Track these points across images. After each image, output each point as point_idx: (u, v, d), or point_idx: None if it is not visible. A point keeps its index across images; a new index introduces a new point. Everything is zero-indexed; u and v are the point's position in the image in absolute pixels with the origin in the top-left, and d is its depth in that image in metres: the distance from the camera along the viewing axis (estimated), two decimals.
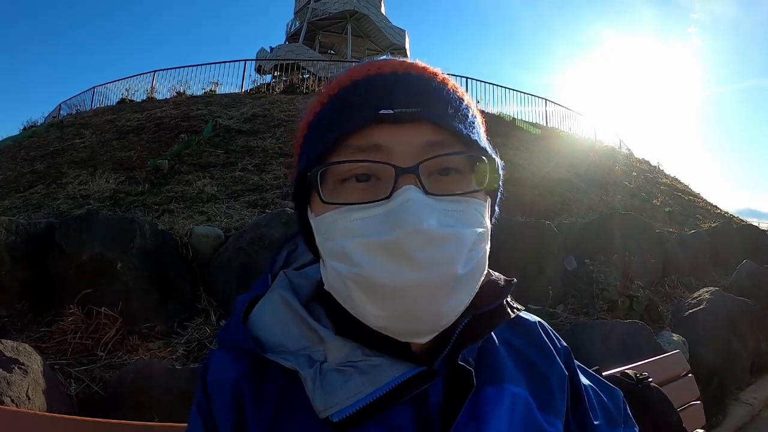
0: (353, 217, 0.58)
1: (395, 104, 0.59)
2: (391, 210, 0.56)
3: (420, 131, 0.59)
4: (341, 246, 0.58)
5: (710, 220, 9.63)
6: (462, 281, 0.58)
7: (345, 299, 0.60)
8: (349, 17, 25.88)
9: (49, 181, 6.64)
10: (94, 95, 15.27)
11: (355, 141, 0.59)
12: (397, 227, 0.54)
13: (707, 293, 4.59)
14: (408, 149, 0.59)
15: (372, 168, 0.59)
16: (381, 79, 0.63)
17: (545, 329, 0.83)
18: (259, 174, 6.62)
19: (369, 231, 0.56)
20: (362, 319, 0.59)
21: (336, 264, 0.59)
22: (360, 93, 0.62)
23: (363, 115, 0.59)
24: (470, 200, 0.61)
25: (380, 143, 0.58)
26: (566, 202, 7.78)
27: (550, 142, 11.67)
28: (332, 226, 0.59)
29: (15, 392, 1.91)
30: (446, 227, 0.56)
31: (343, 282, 0.58)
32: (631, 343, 3.45)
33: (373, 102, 0.60)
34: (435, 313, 0.57)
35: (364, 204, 0.58)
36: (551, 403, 0.73)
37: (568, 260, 5.48)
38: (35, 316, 3.22)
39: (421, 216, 0.54)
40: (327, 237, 0.60)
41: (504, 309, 0.71)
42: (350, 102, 0.62)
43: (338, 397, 0.58)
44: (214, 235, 4.19)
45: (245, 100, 10.89)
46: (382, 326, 0.58)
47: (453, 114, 0.62)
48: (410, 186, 0.56)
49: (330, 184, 0.61)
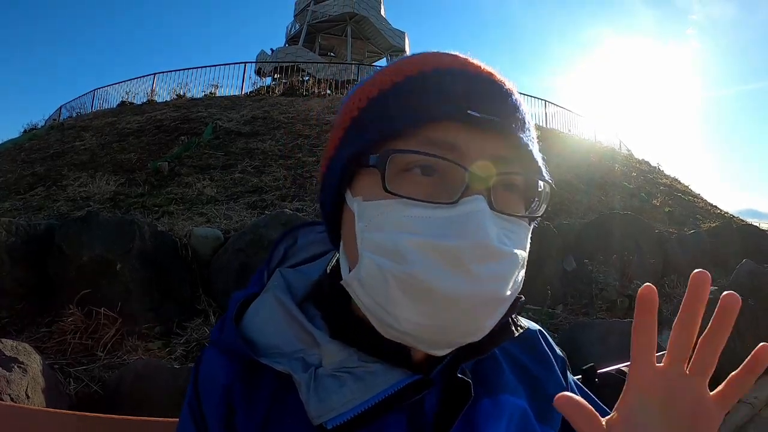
0: (413, 213, 0.54)
1: (483, 106, 0.56)
2: (456, 216, 0.53)
3: (496, 142, 0.57)
4: (393, 241, 0.53)
5: (710, 220, 9.62)
6: (506, 302, 0.56)
7: (377, 297, 0.55)
8: (348, 19, 25.91)
9: (49, 183, 6.66)
10: (95, 98, 15.33)
11: (431, 133, 0.55)
12: (462, 236, 0.52)
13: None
14: (480, 156, 0.56)
15: (442, 165, 0.55)
16: (469, 77, 0.59)
17: (545, 338, 0.81)
18: (259, 176, 6.63)
19: (430, 232, 0.53)
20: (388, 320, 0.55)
21: (379, 259, 0.54)
22: (448, 83, 0.58)
23: (449, 109, 0.55)
24: (522, 223, 0.59)
25: (457, 143, 0.55)
26: (565, 202, 7.79)
27: (549, 143, 11.66)
28: (385, 216, 0.55)
29: (14, 390, 1.92)
30: (505, 245, 0.55)
31: (383, 279, 0.54)
32: (629, 343, 3.43)
33: (461, 98, 0.56)
34: (472, 329, 0.56)
35: (429, 203, 0.54)
36: (549, 413, 0.71)
37: (568, 261, 5.49)
38: (35, 317, 3.23)
39: (488, 230, 0.52)
40: (375, 226, 0.56)
41: (509, 326, 0.69)
42: (436, 89, 0.58)
43: (333, 404, 0.56)
44: (214, 236, 4.20)
45: (245, 103, 10.90)
46: (411, 332, 0.55)
47: (528, 134, 0.60)
48: (480, 196, 0.54)
49: (392, 170, 0.56)
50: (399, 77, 0.60)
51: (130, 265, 3.46)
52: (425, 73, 0.60)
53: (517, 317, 0.72)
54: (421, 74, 0.60)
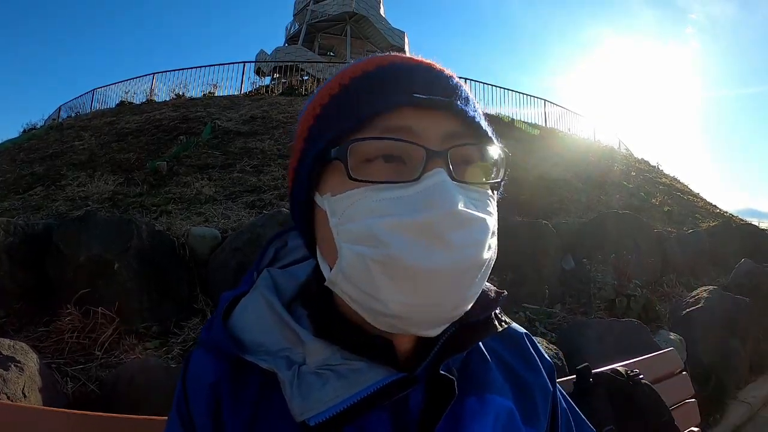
0: (381, 196, 0.56)
1: (427, 91, 0.60)
2: (422, 191, 0.55)
3: (447, 120, 0.60)
4: (367, 226, 0.55)
5: (710, 219, 9.61)
6: (484, 266, 0.58)
7: (363, 285, 0.57)
8: (348, 19, 25.91)
9: (48, 182, 6.66)
10: (94, 98, 15.33)
11: (386, 121, 0.58)
12: (430, 208, 0.54)
13: (705, 292, 4.58)
14: (435, 135, 0.59)
15: (401, 149, 0.58)
16: (413, 67, 0.64)
17: (532, 342, 0.82)
18: (258, 175, 6.63)
19: (400, 211, 0.55)
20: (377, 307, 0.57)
21: (358, 247, 0.56)
22: (393, 75, 0.62)
23: (398, 97, 0.59)
24: (485, 191, 0.62)
25: (411, 126, 0.58)
26: (564, 201, 7.79)
27: (548, 142, 11.67)
28: (356, 205, 0.57)
29: (11, 389, 1.93)
30: (474, 211, 0.57)
31: (365, 266, 0.55)
32: (627, 342, 3.45)
33: (407, 85, 0.60)
34: (457, 299, 0.57)
35: (394, 183, 0.57)
36: (534, 415, 0.72)
37: (566, 260, 5.49)
38: (33, 317, 3.23)
39: (454, 197, 0.55)
40: (347, 218, 0.58)
41: (492, 321, 0.70)
42: (381, 83, 0.61)
43: (315, 401, 0.57)
44: (211, 235, 4.20)
45: (244, 102, 10.90)
46: (401, 314, 0.56)
47: (473, 111, 0.63)
48: (440, 169, 0.56)
49: (354, 162, 0.58)
50: (357, 72, 0.64)
51: (127, 265, 3.46)
52: (381, 67, 0.64)
53: (501, 313, 0.73)
54: (378, 69, 0.63)
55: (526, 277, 4.71)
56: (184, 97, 12.75)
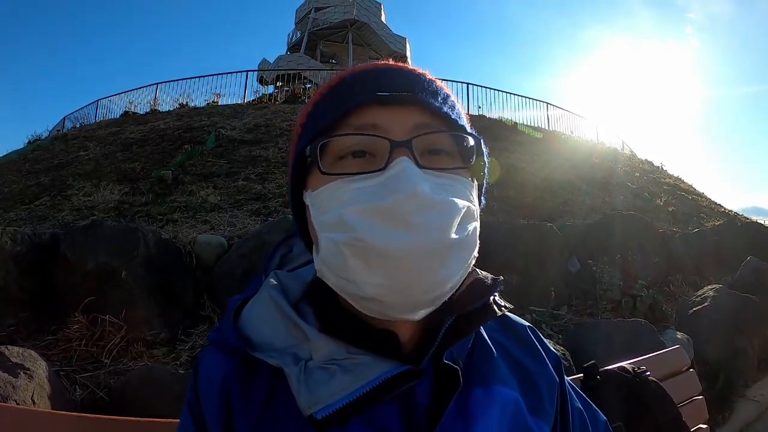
0: (351, 187, 0.60)
1: (391, 89, 0.65)
2: (387, 179, 0.59)
3: (412, 113, 0.64)
4: (338, 214, 0.59)
5: (714, 218, 9.57)
6: (454, 248, 0.59)
7: (339, 270, 0.60)
8: (349, 26, 26.01)
9: (54, 193, 6.69)
10: (98, 108, 15.43)
11: (353, 120, 0.63)
12: (393, 192, 0.57)
13: (711, 291, 4.56)
14: (402, 128, 0.63)
15: (368, 144, 0.63)
16: (377, 70, 0.69)
17: (536, 334, 0.83)
18: (262, 183, 6.66)
19: (366, 198, 0.58)
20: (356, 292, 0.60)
21: (331, 234, 0.60)
22: (358, 80, 0.68)
23: (361, 97, 0.64)
24: (458, 177, 0.65)
25: (376, 122, 0.63)
26: (568, 203, 7.78)
27: (551, 145, 11.67)
28: (330, 197, 0.62)
29: (20, 396, 1.94)
30: (438, 194, 0.59)
31: (338, 251, 0.59)
32: (634, 342, 3.44)
33: (370, 86, 0.65)
34: (428, 281, 0.58)
35: (361, 174, 0.61)
36: (541, 406, 0.73)
37: (571, 262, 5.48)
38: (41, 325, 3.24)
39: (415, 182, 0.58)
40: (323, 210, 0.62)
41: (491, 307, 0.71)
42: (349, 88, 0.67)
43: (322, 395, 0.59)
44: (218, 243, 4.22)
45: (247, 111, 10.95)
46: (376, 297, 0.58)
47: (441, 102, 0.67)
48: (404, 158, 0.60)
49: (328, 160, 0.64)
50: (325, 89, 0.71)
51: (134, 273, 3.47)
52: (344, 78, 0.70)
53: (499, 298, 0.74)
54: (341, 81, 0.70)
55: (532, 279, 4.70)
56: (188, 106, 12.82)
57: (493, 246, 4.52)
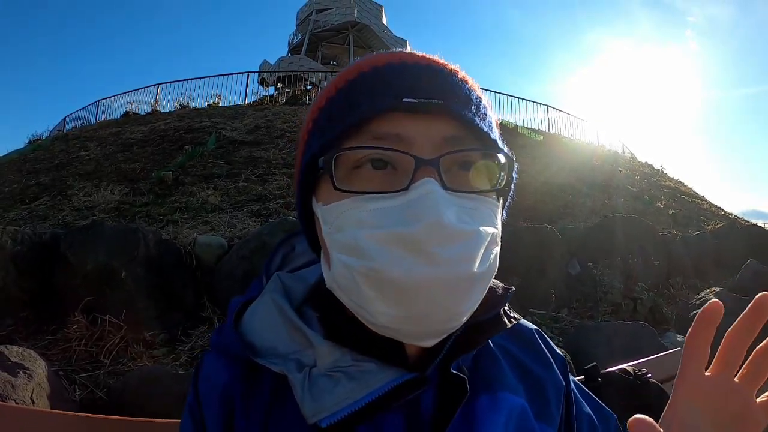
0: (368, 207, 0.55)
1: (419, 94, 0.57)
2: (409, 202, 0.53)
3: (441, 124, 0.57)
4: (353, 238, 0.54)
5: (715, 221, 9.56)
6: (477, 280, 0.56)
7: (352, 295, 0.57)
8: (350, 28, 26.01)
9: (54, 193, 6.70)
10: (99, 109, 15.40)
11: (374, 127, 0.57)
12: (416, 220, 0.52)
13: (712, 294, 4.56)
14: (428, 141, 0.56)
15: (390, 156, 0.56)
16: (404, 68, 0.61)
17: (543, 338, 0.81)
18: (263, 184, 6.65)
19: (385, 222, 0.53)
20: (368, 318, 0.57)
21: (345, 257, 0.55)
22: (382, 79, 0.59)
23: (385, 102, 0.56)
24: (485, 199, 0.59)
25: (400, 132, 0.56)
26: (569, 206, 7.78)
27: (552, 147, 11.67)
28: (344, 216, 0.56)
29: (19, 395, 1.94)
30: (465, 224, 0.54)
31: (351, 277, 0.55)
32: (635, 345, 3.44)
33: (396, 89, 0.57)
34: (449, 313, 0.55)
35: (381, 194, 0.55)
36: (547, 411, 0.71)
37: (572, 264, 5.48)
38: (40, 325, 3.24)
39: (441, 210, 0.52)
40: (336, 228, 0.57)
41: (501, 318, 0.69)
42: (371, 87, 0.59)
43: (326, 403, 0.57)
44: (218, 244, 4.21)
45: (248, 112, 10.94)
46: (389, 326, 0.55)
47: (474, 111, 0.60)
48: (430, 179, 0.54)
49: (342, 170, 0.57)
50: (341, 83, 0.63)
51: (134, 273, 3.48)
52: (364, 72, 0.61)
53: (509, 309, 0.72)
54: (361, 75, 0.62)
55: (533, 282, 4.70)
56: (189, 107, 12.81)
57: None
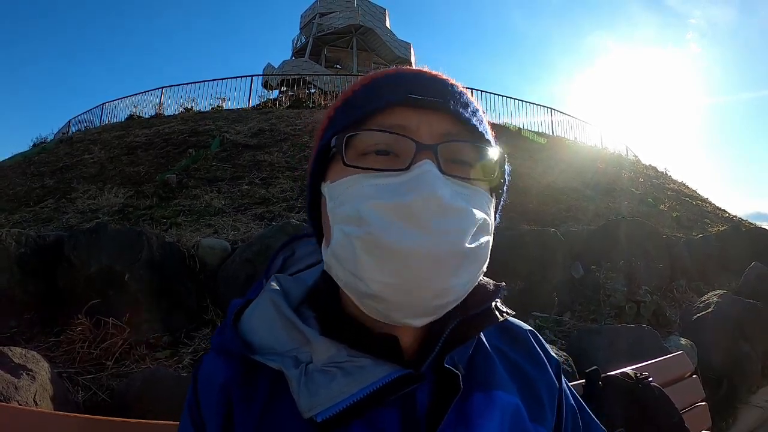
0: (371, 182, 0.60)
1: (423, 92, 0.64)
2: (409, 178, 0.59)
3: (441, 120, 0.64)
4: (356, 208, 0.59)
5: (719, 224, 9.54)
6: (468, 257, 0.59)
7: (348, 264, 0.60)
8: (354, 32, 26.08)
9: (58, 195, 6.73)
10: (103, 112, 15.45)
11: (381, 119, 0.63)
12: (412, 192, 0.57)
13: (715, 297, 4.54)
14: (429, 133, 0.63)
15: (393, 144, 0.62)
16: (411, 74, 0.69)
17: (537, 339, 0.83)
18: (266, 187, 6.67)
19: (385, 195, 0.58)
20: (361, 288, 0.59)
21: (345, 227, 0.60)
22: (391, 81, 0.68)
23: (392, 96, 0.64)
24: (478, 189, 0.65)
25: (404, 123, 0.63)
26: (572, 209, 7.77)
27: (555, 150, 11.66)
28: (349, 189, 0.61)
29: (22, 397, 1.94)
30: (457, 201, 0.59)
31: (350, 243, 0.58)
32: (637, 348, 3.43)
33: (402, 87, 0.65)
34: (438, 287, 0.58)
35: (384, 171, 0.61)
36: (541, 413, 0.73)
37: (575, 267, 5.47)
38: (44, 327, 3.25)
39: (436, 186, 0.57)
40: (341, 202, 0.62)
41: (492, 312, 0.72)
42: (380, 87, 0.67)
43: (322, 398, 0.59)
44: (221, 247, 4.22)
45: (252, 115, 10.97)
46: (380, 294, 0.58)
47: (471, 114, 0.67)
48: (428, 160, 0.60)
49: (351, 155, 0.63)
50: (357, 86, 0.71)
51: (138, 276, 3.48)
52: (378, 78, 0.70)
53: (502, 304, 0.75)
54: (374, 80, 0.70)
55: (536, 285, 4.69)
56: (193, 110, 12.87)
57: (497, 251, 4.50)
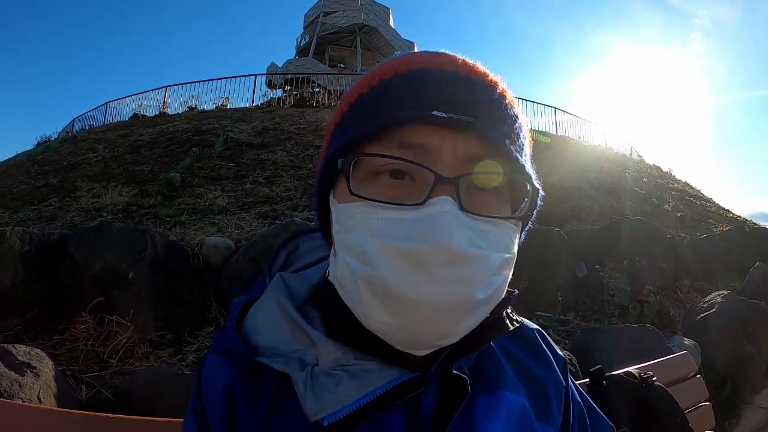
0: (380, 215, 0.55)
1: (450, 107, 0.55)
2: (422, 218, 0.53)
3: (468, 141, 0.56)
4: (360, 242, 0.55)
5: (723, 224, 9.51)
6: (479, 306, 0.56)
7: (351, 296, 0.58)
8: (358, 31, 26.05)
9: (62, 194, 6.74)
10: (107, 111, 15.50)
11: (399, 135, 0.56)
12: (425, 238, 0.52)
13: (719, 297, 4.52)
14: (452, 157, 0.56)
15: (411, 168, 0.56)
16: (439, 76, 0.59)
17: (544, 338, 0.82)
18: (270, 186, 6.67)
19: (394, 234, 0.53)
20: (364, 319, 0.58)
21: (350, 260, 0.56)
22: (414, 85, 0.58)
23: (413, 112, 0.55)
24: (503, 224, 0.59)
25: (426, 144, 0.55)
26: (576, 209, 7.75)
27: (560, 150, 11.63)
28: (355, 218, 0.57)
29: (26, 394, 1.95)
30: (475, 248, 0.54)
31: (354, 280, 0.56)
32: (641, 348, 3.42)
33: (427, 99, 0.56)
34: (444, 331, 0.56)
35: (394, 205, 0.55)
36: (548, 412, 0.72)
37: (579, 267, 5.46)
38: (48, 325, 3.26)
39: (452, 232, 0.52)
40: (346, 228, 0.58)
41: (503, 321, 0.70)
42: (402, 92, 0.58)
43: (328, 401, 0.57)
44: (225, 245, 4.23)
45: (256, 114, 10.98)
46: (383, 332, 0.57)
47: (506, 132, 0.59)
48: (447, 198, 0.53)
49: (361, 173, 0.58)
50: (374, 81, 0.62)
51: (141, 274, 3.49)
52: (399, 74, 0.60)
53: (512, 312, 0.73)
54: (395, 77, 0.60)
55: (539, 284, 4.68)
56: (197, 109, 12.89)
57: None
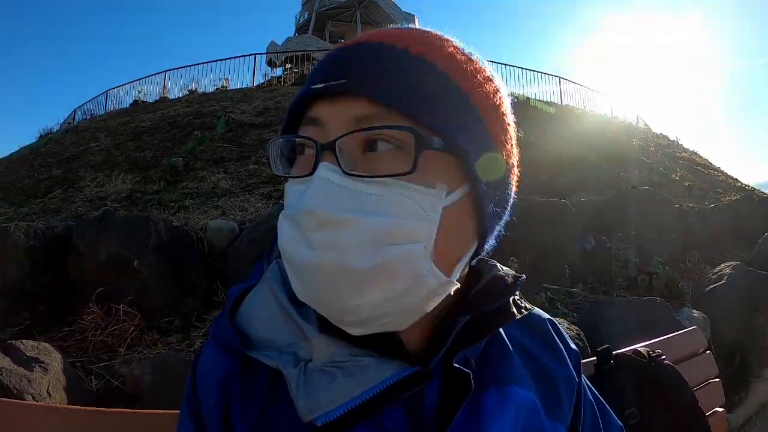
0: (290, 189, 0.59)
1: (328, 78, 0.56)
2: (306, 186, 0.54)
3: (351, 105, 0.55)
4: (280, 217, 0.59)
5: (731, 193, 9.43)
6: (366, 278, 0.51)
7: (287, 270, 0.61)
8: (357, 5, 25.77)
9: (66, 185, 6.76)
10: (108, 99, 15.49)
11: (308, 111, 0.59)
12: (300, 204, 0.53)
13: (728, 268, 4.47)
14: (338, 123, 0.55)
15: (304, 142, 0.58)
16: (335, 52, 0.62)
17: (557, 329, 0.78)
18: None
19: (289, 204, 0.58)
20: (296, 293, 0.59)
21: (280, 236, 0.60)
22: (318, 66, 0.62)
23: (302, 90, 0.60)
24: (398, 184, 0.53)
25: (318, 117, 0.57)
26: (582, 179, 7.69)
27: (564, 120, 11.51)
28: (285, 197, 0.61)
29: (35, 389, 1.97)
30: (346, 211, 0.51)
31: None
32: (649, 320, 3.41)
33: (315, 75, 0.60)
34: (340, 305, 0.54)
35: (297, 177, 0.58)
36: (559, 408, 0.69)
37: (586, 239, 5.43)
38: (56, 317, 3.29)
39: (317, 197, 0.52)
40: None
41: (508, 309, 0.66)
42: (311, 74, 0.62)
43: (322, 400, 0.55)
44: (229, 228, 4.23)
45: (257, 94, 10.93)
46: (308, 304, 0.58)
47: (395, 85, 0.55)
48: (325, 163, 0.53)
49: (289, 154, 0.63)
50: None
51: (147, 262, 3.50)
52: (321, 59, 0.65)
53: (521, 298, 0.69)
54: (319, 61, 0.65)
55: (546, 257, 4.66)
56: (197, 92, 12.85)
57: (507, 224, 4.49)
